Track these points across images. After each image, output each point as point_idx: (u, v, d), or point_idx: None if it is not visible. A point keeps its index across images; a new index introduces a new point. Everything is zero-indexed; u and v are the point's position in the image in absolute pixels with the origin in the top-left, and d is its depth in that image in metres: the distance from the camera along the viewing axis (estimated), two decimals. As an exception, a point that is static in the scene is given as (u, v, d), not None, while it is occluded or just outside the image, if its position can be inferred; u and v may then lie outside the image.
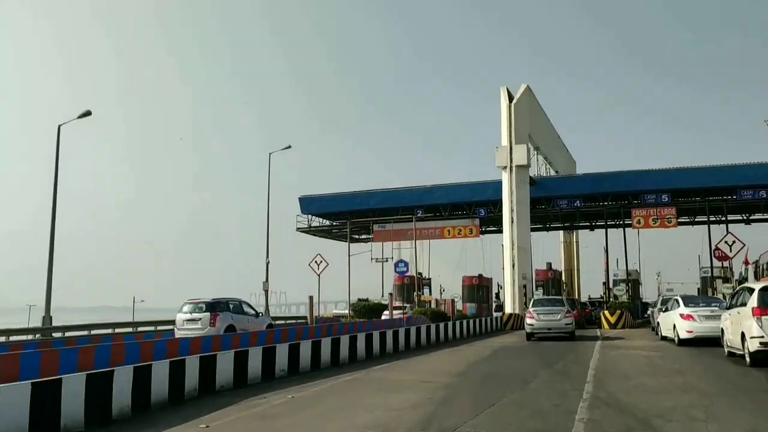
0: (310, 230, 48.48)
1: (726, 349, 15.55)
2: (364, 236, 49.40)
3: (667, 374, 12.75)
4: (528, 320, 24.18)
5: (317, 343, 15.16)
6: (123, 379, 9.01)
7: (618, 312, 31.07)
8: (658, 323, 23.27)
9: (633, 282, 40.84)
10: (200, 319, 19.37)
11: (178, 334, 19.20)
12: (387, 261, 39.01)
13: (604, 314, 31.53)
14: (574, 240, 58.32)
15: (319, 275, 35.51)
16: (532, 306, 24.92)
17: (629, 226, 42.01)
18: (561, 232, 57.20)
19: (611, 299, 35.74)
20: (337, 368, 14.99)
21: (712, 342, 18.07)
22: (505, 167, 36.59)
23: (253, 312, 22.21)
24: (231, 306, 20.80)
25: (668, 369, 13.65)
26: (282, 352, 13.65)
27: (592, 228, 47.93)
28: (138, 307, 62.58)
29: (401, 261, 34.62)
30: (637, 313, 37.15)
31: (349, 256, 39.89)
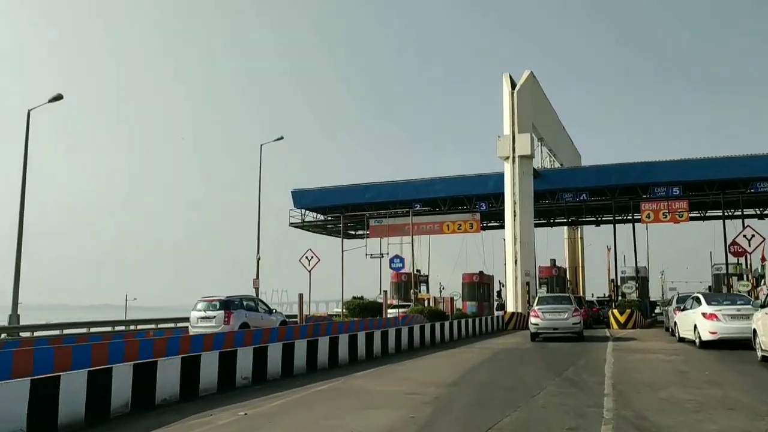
0: (304, 225, 46.44)
1: (759, 353, 13.57)
2: (360, 232, 47.41)
3: (700, 384, 10.73)
4: (532, 319, 22.24)
5: (289, 347, 13.15)
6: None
7: (628, 311, 29.02)
8: (675, 323, 21.25)
9: (641, 279, 38.74)
10: (214, 316, 19.35)
11: (193, 331, 19.02)
12: (383, 257, 36.97)
13: (612, 313, 29.50)
14: (579, 236, 56.24)
15: (310, 271, 33.56)
16: (537, 304, 22.94)
17: (638, 221, 39.98)
18: (565, 228, 55.09)
19: (620, 297, 33.65)
20: (314, 375, 12.99)
21: (737, 344, 16.18)
22: (508, 158, 34.52)
23: (266, 309, 22.13)
24: (245, 303, 20.80)
25: (699, 378, 11.61)
26: (245, 357, 11.64)
27: (597, 223, 45.87)
28: (131, 305, 60.82)
29: (396, 256, 32.57)
30: (645, 312, 35.12)
31: (342, 251, 37.81)
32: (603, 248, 57.57)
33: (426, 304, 41.71)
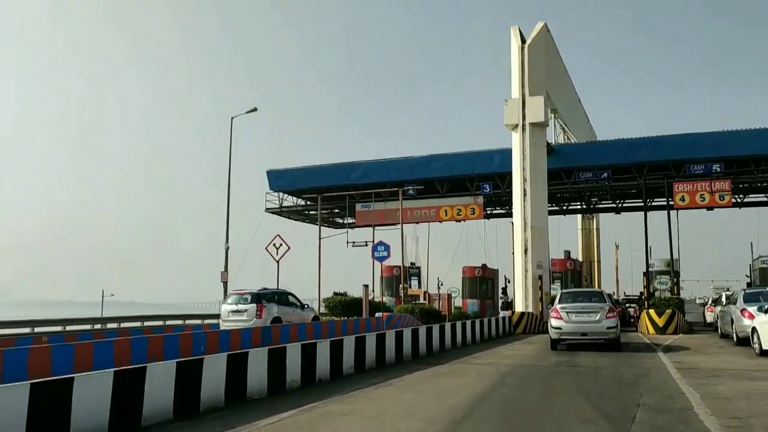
0: (282, 211, 40.57)
1: None
2: (349, 220, 41.52)
3: None
4: (554, 321, 16.61)
5: (135, 377, 7.29)
6: None
7: (668, 312, 23.10)
8: (753, 329, 15.36)
9: (674, 274, 32.71)
10: (246, 310, 18.91)
11: (224, 326, 18.63)
12: (367, 245, 31.18)
13: (648, 314, 23.56)
14: (594, 227, 50.35)
15: (278, 261, 27.90)
16: (560, 302, 17.25)
17: (671, 208, 34.21)
18: (579, 218, 49.23)
19: (653, 295, 27.68)
20: (188, 424, 7.25)
21: None
22: (516, 126, 28.63)
23: (298, 303, 21.23)
24: (277, 297, 20.30)
25: None
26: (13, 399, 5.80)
27: (618, 210, 39.75)
28: (109, 302, 55.30)
29: (381, 243, 26.73)
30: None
31: (320, 239, 32.01)
32: (611, 241, 51.61)
33: (420, 300, 36.15)
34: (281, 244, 28.04)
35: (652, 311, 23.45)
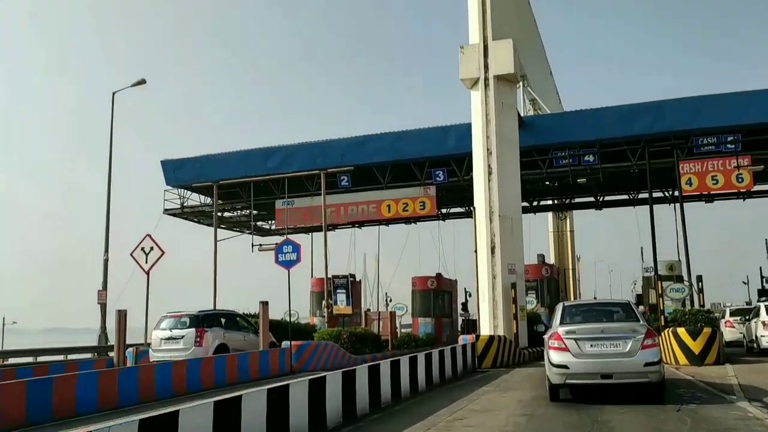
0: (184, 212, 32.25)
1: None
2: (275, 226, 33.45)
3: None
4: (555, 355, 9.31)
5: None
6: None
7: (706, 332, 15.56)
8: None
9: (679, 279, 25.50)
10: (182, 337, 16.19)
11: (154, 356, 16.21)
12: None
13: (677, 336, 15.95)
14: (568, 229, 43.25)
15: (147, 272, 19.68)
16: (563, 322, 9.95)
17: (671, 200, 27.22)
18: (549, 217, 42.10)
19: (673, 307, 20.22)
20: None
21: None
22: (476, 81, 21.08)
23: (250, 327, 18.14)
24: (222, 320, 17.45)
25: None
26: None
27: (599, 206, 32.68)
28: (11, 329, 46.14)
29: (287, 243, 18.68)
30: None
31: (215, 242, 23.98)
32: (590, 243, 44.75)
33: (362, 323, 28.56)
34: (152, 248, 19.89)
35: (682, 331, 15.85)
